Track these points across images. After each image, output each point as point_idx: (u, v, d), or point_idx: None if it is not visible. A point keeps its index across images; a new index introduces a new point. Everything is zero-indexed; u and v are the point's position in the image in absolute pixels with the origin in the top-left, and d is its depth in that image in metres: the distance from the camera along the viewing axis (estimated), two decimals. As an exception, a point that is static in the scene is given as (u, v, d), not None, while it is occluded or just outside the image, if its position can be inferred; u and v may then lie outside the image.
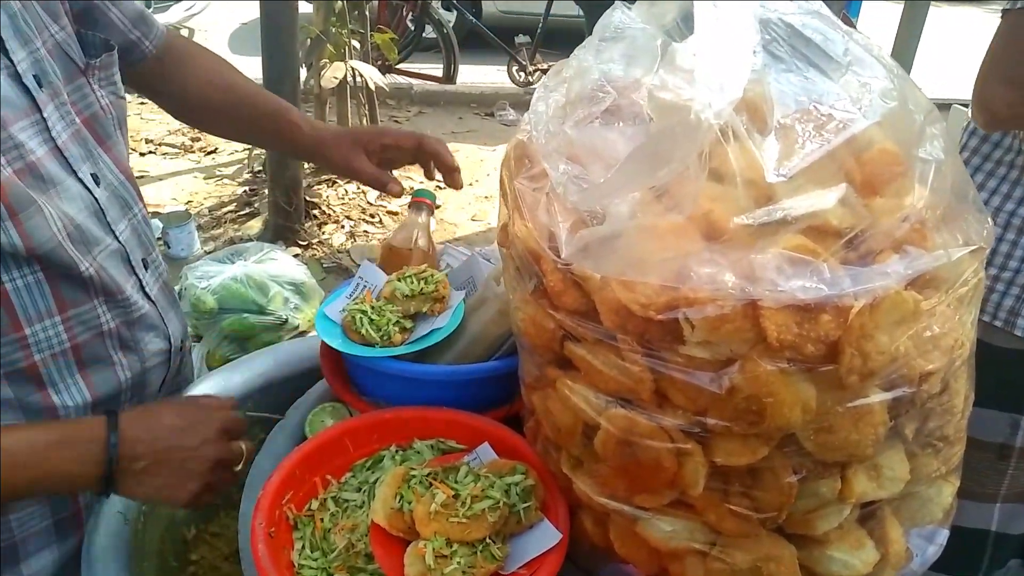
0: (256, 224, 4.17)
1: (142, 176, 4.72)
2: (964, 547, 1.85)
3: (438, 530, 0.84)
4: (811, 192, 0.68)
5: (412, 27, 6.29)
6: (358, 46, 4.42)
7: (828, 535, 0.79)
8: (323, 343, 1.12)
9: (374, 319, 1.07)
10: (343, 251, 3.99)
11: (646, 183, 0.70)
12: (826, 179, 0.69)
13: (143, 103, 5.95)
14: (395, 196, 1.29)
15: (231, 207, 4.39)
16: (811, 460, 0.74)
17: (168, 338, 1.14)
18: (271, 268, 2.45)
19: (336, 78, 4.18)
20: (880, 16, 6.46)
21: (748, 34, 0.70)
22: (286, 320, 2.38)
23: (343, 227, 4.20)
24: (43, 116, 0.93)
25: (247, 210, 4.33)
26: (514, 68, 6.51)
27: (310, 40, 4.15)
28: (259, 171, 4.65)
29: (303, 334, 2.41)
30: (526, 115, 0.90)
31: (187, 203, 4.38)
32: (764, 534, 0.78)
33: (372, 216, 4.34)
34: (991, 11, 9.11)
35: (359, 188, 4.57)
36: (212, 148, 5.18)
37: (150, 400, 1.13)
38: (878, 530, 0.82)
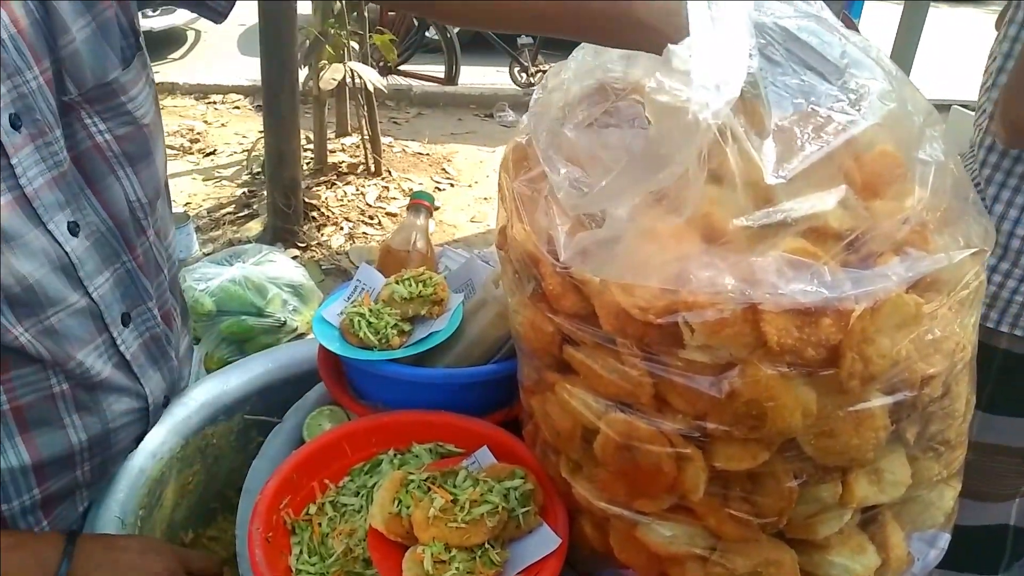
0: (255, 226, 4.16)
1: (141, 178, 4.71)
2: (985, 543, 1.85)
3: (437, 535, 0.83)
4: (811, 194, 0.68)
5: (415, 27, 6.28)
6: (357, 47, 4.42)
7: (829, 540, 0.79)
8: (321, 346, 1.12)
9: (372, 322, 1.07)
10: (342, 253, 3.98)
11: (646, 187, 0.69)
12: (825, 181, 0.69)
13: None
14: None
15: (230, 209, 4.38)
16: (812, 465, 0.73)
17: (145, 397, 1.03)
18: (270, 270, 2.45)
19: (335, 80, 4.17)
20: (880, 16, 6.46)
21: (743, 35, 0.70)
22: (284, 322, 2.37)
23: (342, 229, 4.20)
24: (10, 163, 0.80)
25: (246, 212, 4.33)
26: (516, 69, 6.51)
27: (309, 41, 4.15)
28: (258, 173, 4.65)
29: (301, 336, 2.41)
30: (525, 117, 0.90)
31: (186, 205, 4.37)
32: (764, 539, 0.78)
33: (371, 218, 4.33)
34: (991, 11, 9.11)
35: (358, 190, 4.57)
36: (211, 150, 5.18)
37: (116, 457, 1.04)
38: (879, 535, 0.82)
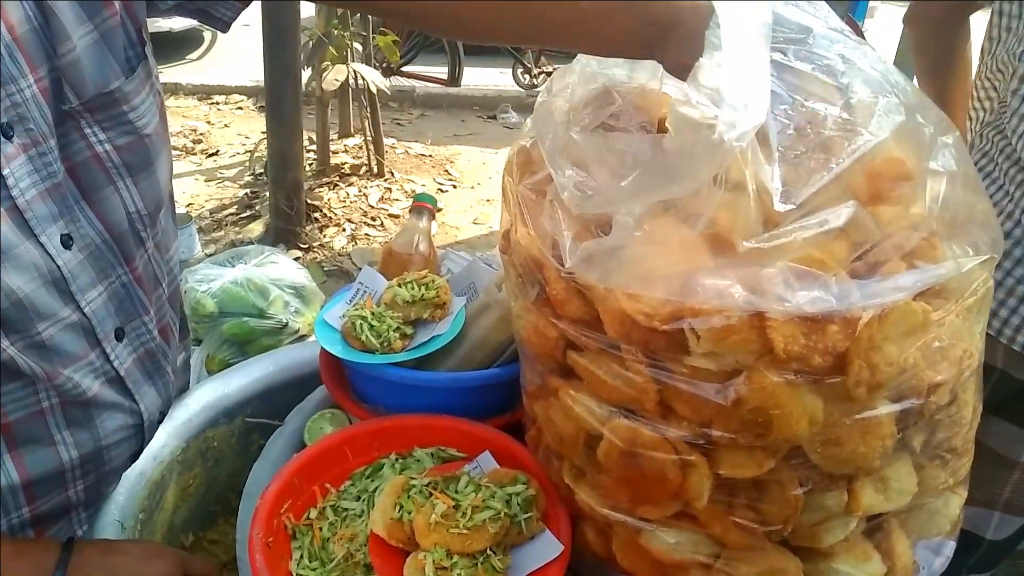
0: (257, 227, 4.16)
1: (143, 178, 4.71)
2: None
3: (438, 541, 0.82)
4: (820, 213, 0.67)
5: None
6: (360, 49, 4.42)
7: (834, 548, 0.78)
8: (323, 349, 1.11)
9: (374, 325, 1.06)
10: (344, 254, 3.98)
11: (658, 196, 0.69)
12: (834, 199, 0.68)
13: (145, 105, 5.96)
14: None
15: (232, 210, 4.38)
16: (818, 472, 0.73)
17: (139, 414, 1.00)
18: (272, 271, 2.44)
19: (338, 81, 4.17)
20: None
21: (766, 58, 0.69)
22: (286, 324, 2.37)
23: (344, 230, 4.19)
24: (1, 173, 0.78)
25: (248, 213, 4.33)
26: (519, 71, 6.51)
27: (312, 42, 4.15)
28: (260, 173, 4.64)
29: (303, 338, 2.40)
30: (530, 120, 0.89)
31: (188, 205, 4.37)
32: (769, 547, 0.77)
33: (373, 219, 4.33)
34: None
35: (360, 191, 4.57)
36: (214, 150, 5.18)
37: (109, 475, 1.02)
38: (885, 543, 0.81)
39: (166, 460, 1.12)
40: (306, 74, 4.19)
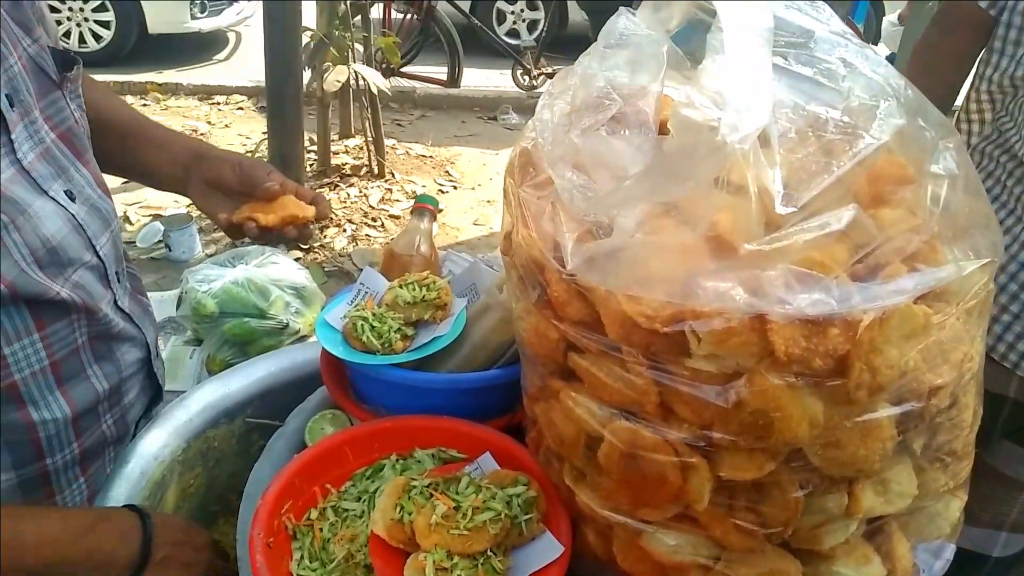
0: (258, 227, 4.16)
1: (144, 178, 4.71)
2: (963, 566, 1.82)
3: (439, 542, 0.83)
4: (821, 215, 0.67)
5: (419, 27, 6.28)
6: (361, 49, 4.42)
7: (834, 550, 0.78)
8: (324, 350, 1.11)
9: (375, 326, 1.06)
10: (345, 255, 3.98)
11: (658, 199, 0.69)
12: (835, 202, 0.68)
13: (145, 105, 5.97)
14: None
15: (233, 210, 4.37)
16: (818, 475, 0.73)
17: (147, 346, 1.15)
18: (272, 272, 2.44)
19: (339, 81, 4.18)
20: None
21: (768, 62, 0.69)
22: (287, 324, 2.36)
23: (345, 231, 4.19)
24: (11, 138, 0.89)
25: (249, 213, 4.32)
26: (519, 72, 6.51)
27: (313, 43, 4.15)
28: (261, 174, 4.64)
29: (304, 339, 2.40)
30: (530, 122, 0.89)
31: (188, 206, 4.37)
32: (769, 549, 0.77)
33: (374, 220, 4.33)
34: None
35: (361, 192, 4.57)
36: (214, 150, 5.18)
37: (131, 409, 1.16)
38: (885, 545, 0.81)
39: (167, 460, 1.12)
40: (307, 75, 4.20)
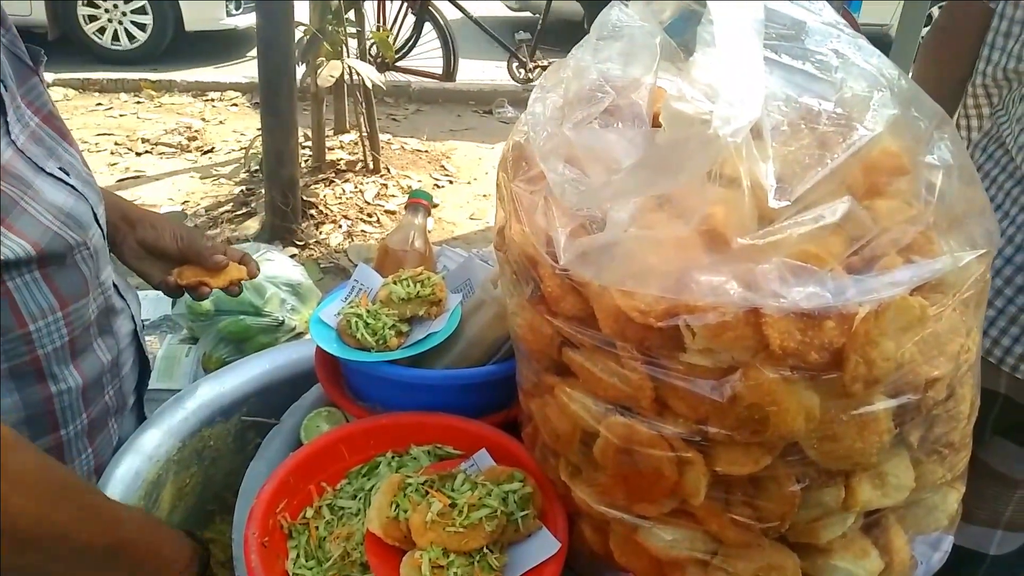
0: (253, 224, 4.15)
1: (138, 176, 4.70)
2: (959, 564, 1.82)
3: (435, 540, 0.82)
4: (815, 208, 0.67)
5: (414, 22, 6.26)
6: (355, 44, 4.40)
7: (832, 544, 0.78)
8: (318, 348, 1.11)
9: (370, 323, 1.06)
10: (340, 251, 3.97)
11: (651, 192, 0.68)
12: (830, 195, 0.67)
13: (139, 102, 5.95)
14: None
15: (228, 207, 4.37)
16: (815, 469, 0.72)
17: (132, 319, 1.19)
18: (268, 269, 2.42)
19: (333, 77, 4.16)
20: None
21: (760, 54, 0.68)
22: (283, 322, 2.35)
23: (340, 227, 4.18)
24: (6, 119, 0.93)
25: (244, 210, 4.31)
26: (514, 65, 6.50)
27: (306, 38, 4.13)
28: (256, 170, 4.63)
29: (299, 336, 2.39)
30: (523, 116, 0.88)
31: (183, 203, 4.36)
32: (766, 543, 0.77)
33: (369, 216, 4.32)
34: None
35: (356, 187, 4.56)
36: (209, 147, 5.17)
37: (126, 380, 1.18)
38: (883, 538, 0.81)
39: (162, 459, 1.12)
40: (301, 70, 4.18)
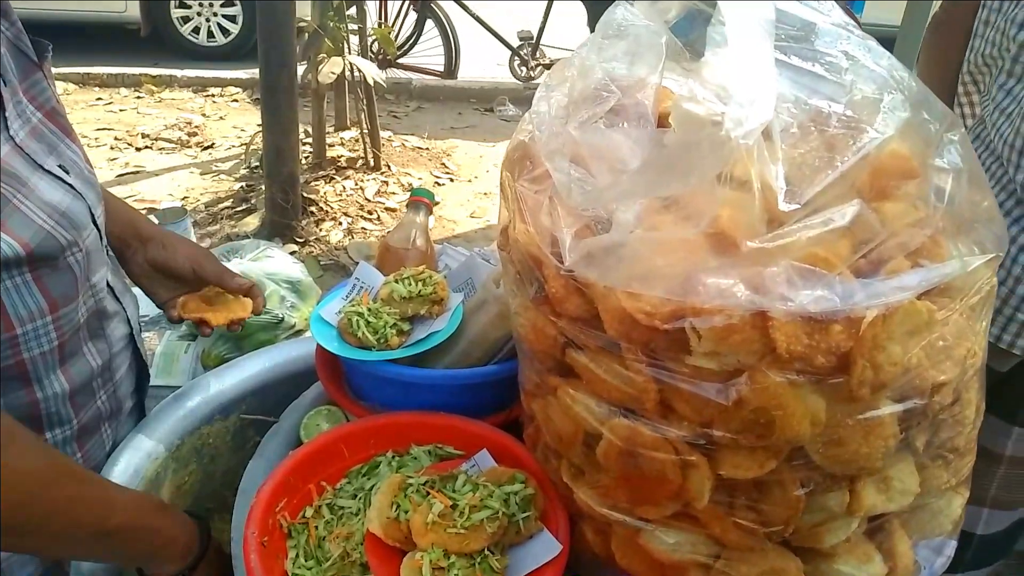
0: (253, 221, 4.14)
1: (138, 171, 4.69)
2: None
3: (435, 541, 0.82)
4: (824, 211, 0.66)
5: (415, 19, 6.25)
6: (356, 41, 4.39)
7: (835, 548, 0.78)
8: (318, 346, 1.10)
9: (371, 321, 1.05)
10: (340, 248, 3.96)
11: (658, 193, 0.68)
12: (839, 198, 0.67)
13: (139, 97, 5.93)
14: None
15: (228, 203, 4.36)
16: (820, 473, 0.72)
17: (128, 322, 1.17)
18: (268, 266, 2.41)
19: (334, 73, 4.15)
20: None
21: (771, 55, 0.68)
22: (282, 319, 2.34)
23: (341, 224, 4.17)
24: (5, 115, 0.91)
25: (244, 206, 4.30)
26: (516, 63, 6.49)
27: (307, 35, 4.12)
28: (256, 167, 4.62)
29: (299, 333, 2.38)
30: (527, 115, 0.88)
31: (183, 199, 4.35)
32: (770, 547, 0.77)
33: (370, 213, 4.31)
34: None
35: (357, 184, 4.55)
36: (209, 143, 5.16)
37: (121, 385, 1.16)
38: (886, 543, 0.81)
39: (161, 457, 1.11)
40: (302, 67, 4.17)
